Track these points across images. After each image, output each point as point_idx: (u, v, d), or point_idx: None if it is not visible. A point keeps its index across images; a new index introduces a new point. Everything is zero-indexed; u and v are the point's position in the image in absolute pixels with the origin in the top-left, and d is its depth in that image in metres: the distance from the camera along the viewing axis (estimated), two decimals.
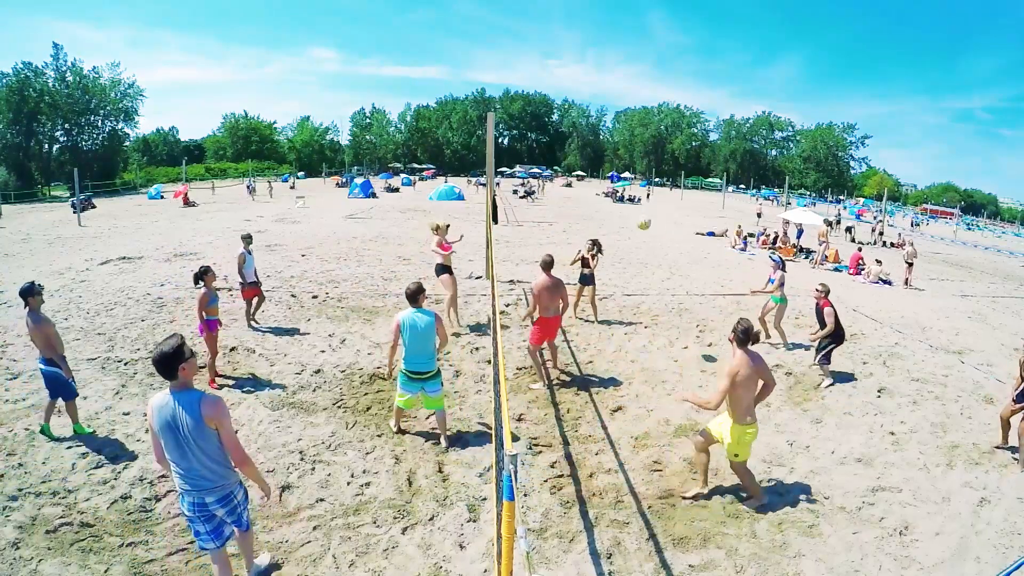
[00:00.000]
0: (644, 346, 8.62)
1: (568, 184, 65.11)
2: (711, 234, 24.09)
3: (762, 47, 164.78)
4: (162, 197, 36.50)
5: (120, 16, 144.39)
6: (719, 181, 65.96)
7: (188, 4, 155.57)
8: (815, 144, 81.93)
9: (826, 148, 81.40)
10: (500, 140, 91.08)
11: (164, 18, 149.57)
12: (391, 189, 45.10)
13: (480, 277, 12.41)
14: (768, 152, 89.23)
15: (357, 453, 5.28)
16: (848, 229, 29.53)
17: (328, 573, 3.80)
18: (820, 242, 19.48)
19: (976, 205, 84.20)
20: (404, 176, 58.93)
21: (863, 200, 70.24)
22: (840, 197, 70.78)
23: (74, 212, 23.19)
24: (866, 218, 43.61)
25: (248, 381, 6.81)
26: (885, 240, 27.69)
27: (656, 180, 79.29)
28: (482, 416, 6.07)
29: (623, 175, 74.91)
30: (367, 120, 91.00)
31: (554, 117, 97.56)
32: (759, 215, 31.75)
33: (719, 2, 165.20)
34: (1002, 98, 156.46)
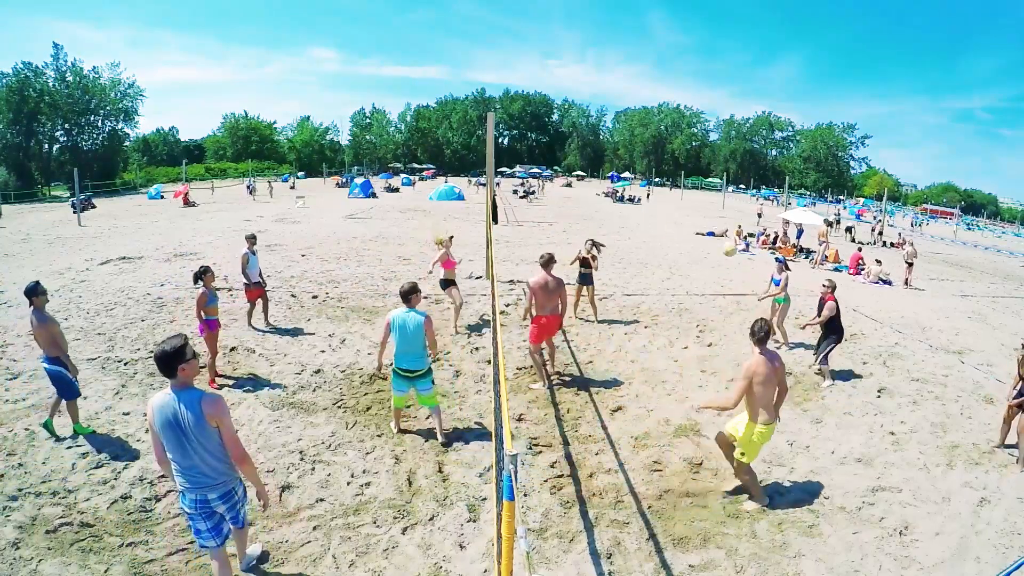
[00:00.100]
0: (644, 346, 8.62)
1: (568, 184, 65.09)
2: (711, 234, 24.09)
3: (762, 47, 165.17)
4: (162, 197, 36.48)
5: (120, 16, 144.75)
6: (719, 181, 65.95)
7: (188, 4, 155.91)
8: (815, 144, 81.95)
9: (826, 148, 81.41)
10: (500, 140, 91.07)
11: (164, 18, 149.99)
12: (391, 189, 45.09)
13: (480, 277, 12.42)
14: (768, 152, 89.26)
15: (357, 453, 5.28)
16: (848, 229, 29.51)
17: (328, 573, 3.80)
18: (820, 242, 19.49)
19: (976, 205, 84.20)
20: (404, 176, 58.91)
21: (863, 200, 70.22)
22: (840, 197, 70.77)
23: (74, 212, 23.19)
24: (866, 218, 43.61)
25: (248, 381, 6.82)
26: (885, 240, 27.68)
27: (656, 180, 79.23)
28: (482, 416, 6.07)
29: (623, 175, 74.91)
30: (367, 120, 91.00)
31: (554, 117, 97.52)
32: (760, 215, 31.75)
33: (719, 2, 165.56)
34: (1002, 98, 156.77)
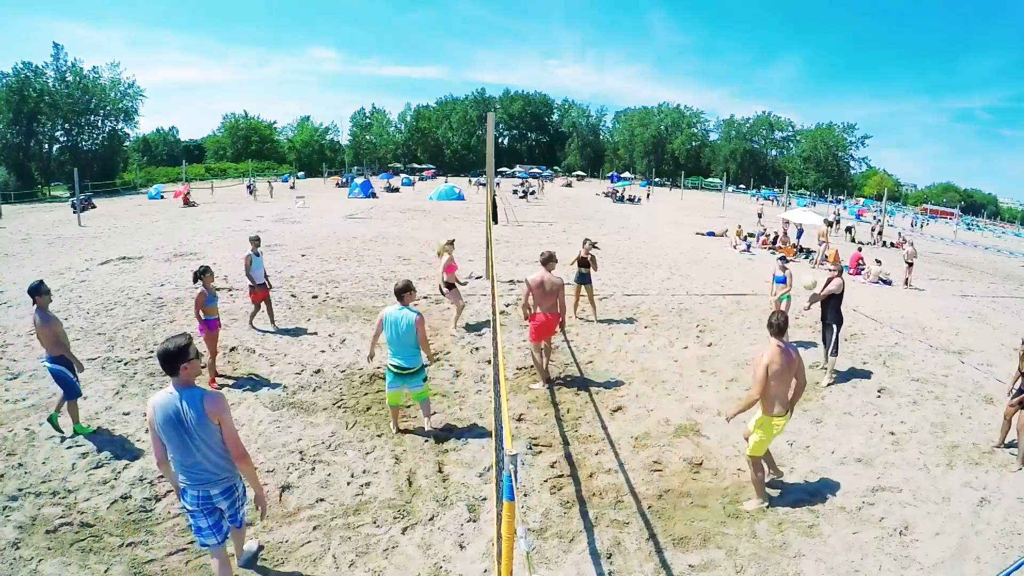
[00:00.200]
0: (644, 346, 8.62)
1: (568, 184, 65.08)
2: (711, 234, 24.09)
3: (762, 47, 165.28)
4: (162, 197, 36.50)
5: (120, 16, 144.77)
6: (719, 181, 65.95)
7: (188, 4, 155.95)
8: (815, 144, 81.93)
9: (826, 148, 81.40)
10: (500, 140, 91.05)
11: (164, 18, 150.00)
12: (391, 189, 45.08)
13: (480, 277, 12.42)
14: (768, 152, 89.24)
15: (357, 453, 5.28)
16: (848, 229, 29.51)
17: (328, 573, 3.80)
18: (820, 242, 19.47)
19: (976, 205, 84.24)
20: (404, 176, 58.92)
21: (863, 200, 70.24)
22: (840, 197, 70.73)
23: (74, 212, 23.20)
24: (866, 218, 43.60)
25: (248, 381, 6.82)
26: (885, 240, 27.68)
27: (656, 180, 79.21)
28: (482, 416, 6.07)
29: (623, 175, 74.90)
30: (367, 120, 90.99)
31: (554, 117, 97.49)
32: (760, 215, 31.74)
33: (719, 2, 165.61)
34: (1002, 98, 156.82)
